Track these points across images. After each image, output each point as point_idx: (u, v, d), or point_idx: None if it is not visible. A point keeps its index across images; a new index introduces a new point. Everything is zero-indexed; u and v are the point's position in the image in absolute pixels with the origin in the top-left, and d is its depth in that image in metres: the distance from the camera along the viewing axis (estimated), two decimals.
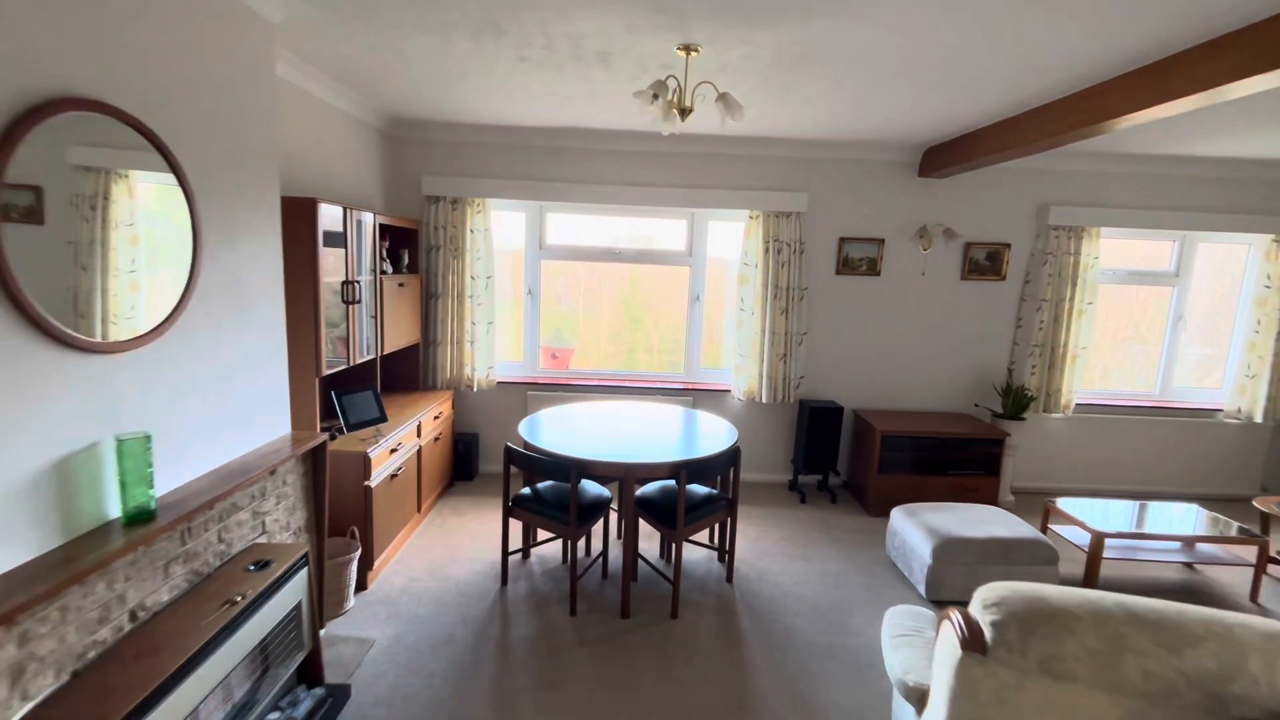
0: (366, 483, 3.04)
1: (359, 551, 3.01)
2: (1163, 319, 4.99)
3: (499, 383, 4.73)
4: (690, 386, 4.82)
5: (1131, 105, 2.85)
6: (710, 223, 4.77)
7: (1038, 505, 4.66)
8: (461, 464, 4.66)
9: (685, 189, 4.52)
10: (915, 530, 3.35)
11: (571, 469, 2.86)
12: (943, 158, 4.29)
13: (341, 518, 3.07)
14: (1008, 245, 4.67)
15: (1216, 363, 5.08)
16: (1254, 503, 3.83)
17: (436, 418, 4.11)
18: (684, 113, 2.58)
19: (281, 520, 2.39)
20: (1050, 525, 3.79)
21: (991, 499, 4.35)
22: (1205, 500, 4.93)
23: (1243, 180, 4.60)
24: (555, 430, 3.34)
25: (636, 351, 4.99)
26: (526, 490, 3.23)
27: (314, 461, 2.61)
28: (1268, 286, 4.65)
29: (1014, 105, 3.31)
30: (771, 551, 3.75)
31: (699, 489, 3.24)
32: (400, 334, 3.97)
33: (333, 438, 3.16)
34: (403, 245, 4.24)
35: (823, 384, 4.84)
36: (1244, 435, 4.91)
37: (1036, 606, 1.50)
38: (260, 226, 2.34)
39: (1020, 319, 4.76)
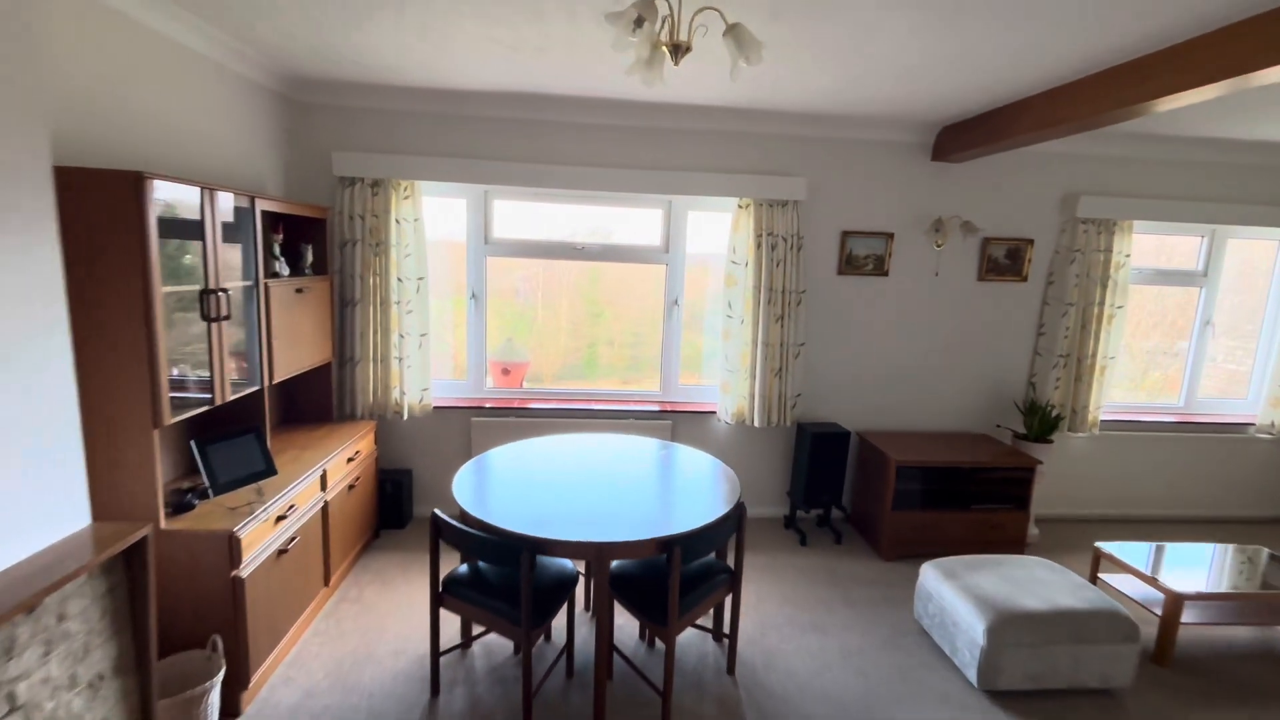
0: (236, 572, 2.17)
1: (223, 671, 2.14)
2: (1188, 323, 4.49)
3: (436, 407, 3.87)
4: (669, 407, 4.06)
5: (1183, 83, 2.24)
6: (691, 213, 4.01)
7: (1063, 537, 4.09)
8: (390, 509, 3.78)
9: (661, 172, 3.74)
10: (959, 599, 2.68)
11: (523, 551, 2.06)
12: (961, 139, 3.63)
13: (199, 623, 2.19)
14: (1030, 241, 4.06)
15: (1244, 372, 4.62)
16: None
17: (352, 459, 3.24)
18: (677, 52, 1.80)
19: (59, 677, 1.52)
20: (1101, 575, 3.20)
21: (1020, 536, 3.75)
22: (1235, 524, 4.46)
23: (1275, 169, 4.11)
24: (503, 485, 2.53)
25: (597, 345, 4.21)
26: (464, 569, 2.41)
27: (132, 564, 1.74)
28: None
29: (1066, 70, 2.64)
30: (777, 621, 3.03)
31: (694, 561, 2.49)
32: (300, 354, 3.08)
33: (189, 507, 2.27)
34: (305, 239, 3.33)
35: (822, 402, 4.15)
36: (1275, 452, 4.46)
37: None
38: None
39: (1043, 325, 4.17)
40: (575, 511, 2.30)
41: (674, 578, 2.13)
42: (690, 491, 2.54)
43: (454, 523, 2.19)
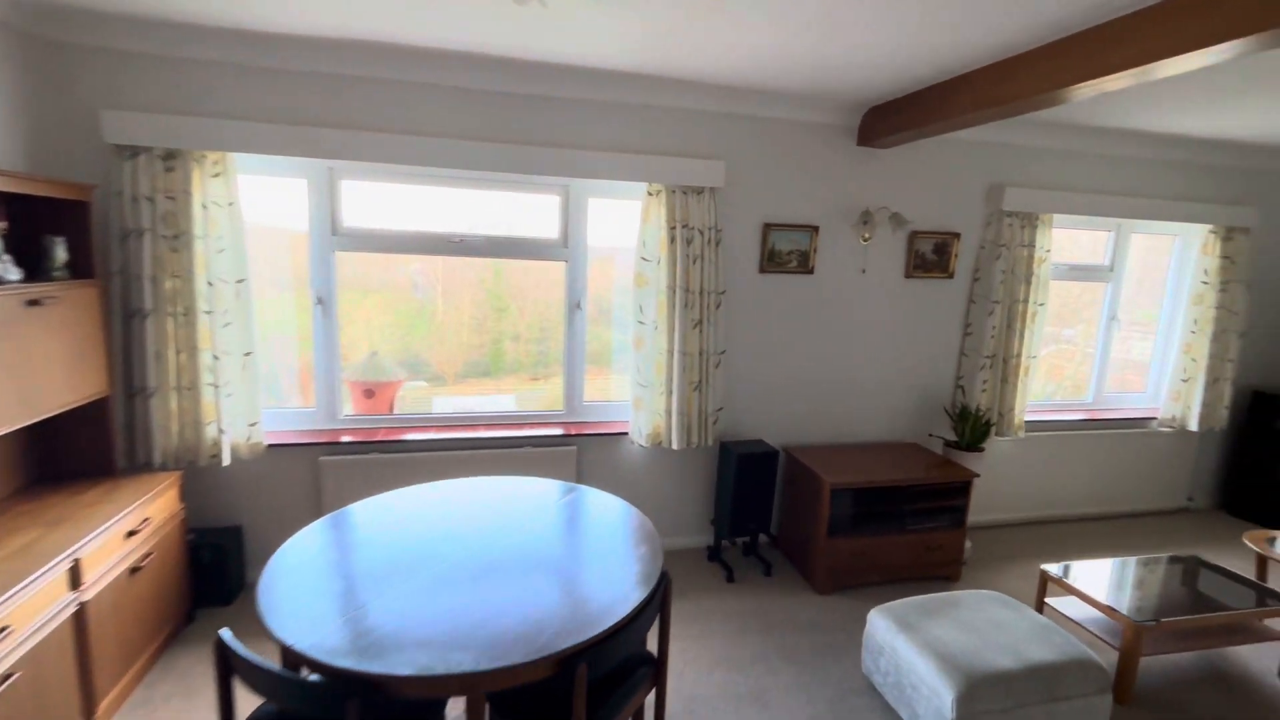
0: None
1: None
2: (1095, 318, 4.45)
3: (271, 445, 3.02)
4: (574, 430, 3.44)
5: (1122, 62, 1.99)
6: (593, 200, 3.39)
7: (994, 548, 3.89)
8: (211, 581, 2.90)
9: (555, 149, 3.09)
10: (919, 657, 2.27)
11: (351, 699, 1.37)
12: (887, 121, 3.26)
13: None
14: (957, 235, 3.80)
15: (1144, 365, 4.66)
16: (1245, 540, 3.26)
17: (136, 530, 2.36)
18: None
19: None
20: (1048, 599, 2.94)
21: (957, 556, 3.47)
22: (1147, 517, 4.49)
23: (1182, 164, 4.10)
24: (336, 577, 1.80)
25: (503, 341, 3.52)
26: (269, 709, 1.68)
27: None
28: (1205, 282, 4.23)
29: (995, 48, 2.28)
30: (708, 693, 2.51)
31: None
32: (40, 390, 2.17)
33: None
34: (54, 229, 2.39)
35: (746, 416, 3.69)
36: (1175, 444, 4.52)
37: None
38: None
39: (970, 324, 3.93)
40: (438, 618, 1.63)
41: (579, 703, 1.53)
42: (600, 565, 1.93)
43: (246, 655, 1.46)
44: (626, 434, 3.48)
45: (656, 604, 1.82)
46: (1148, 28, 2.06)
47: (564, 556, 1.95)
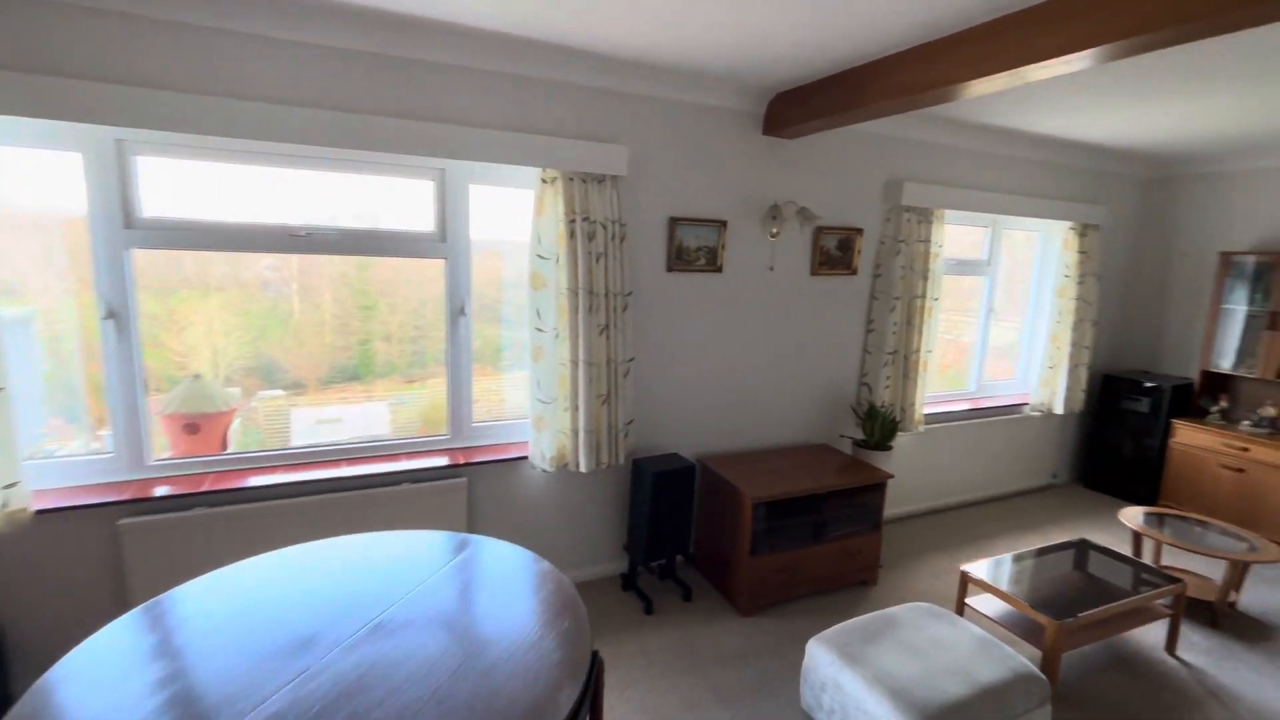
0: None
1: None
2: (975, 311, 4.65)
3: (41, 511, 2.24)
4: (462, 458, 2.93)
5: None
6: (475, 187, 2.90)
7: (902, 546, 3.90)
8: None
9: (429, 125, 2.56)
10: (869, 692, 2.07)
11: None
12: (794, 109, 3.08)
13: None
14: (859, 231, 3.73)
15: (1015, 354, 4.96)
16: (1120, 517, 3.47)
17: None
18: None
19: None
20: (967, 600, 2.91)
21: (875, 560, 3.40)
22: (1023, 495, 4.78)
23: (1050, 165, 4.36)
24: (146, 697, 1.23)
25: (372, 341, 2.93)
26: None
27: None
28: (1066, 276, 4.54)
29: (912, 33, 2.15)
30: None
31: None
32: None
33: None
34: None
35: (658, 428, 3.38)
36: (1043, 427, 4.85)
37: None
38: None
39: (872, 321, 3.90)
40: None
41: None
42: (512, 660, 1.50)
43: None
44: (526, 458, 3.03)
45: (589, 701, 1.43)
46: (1035, 27, 2.00)
47: (463, 656, 1.49)
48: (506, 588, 1.77)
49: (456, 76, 2.63)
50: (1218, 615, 3.13)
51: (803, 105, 3.03)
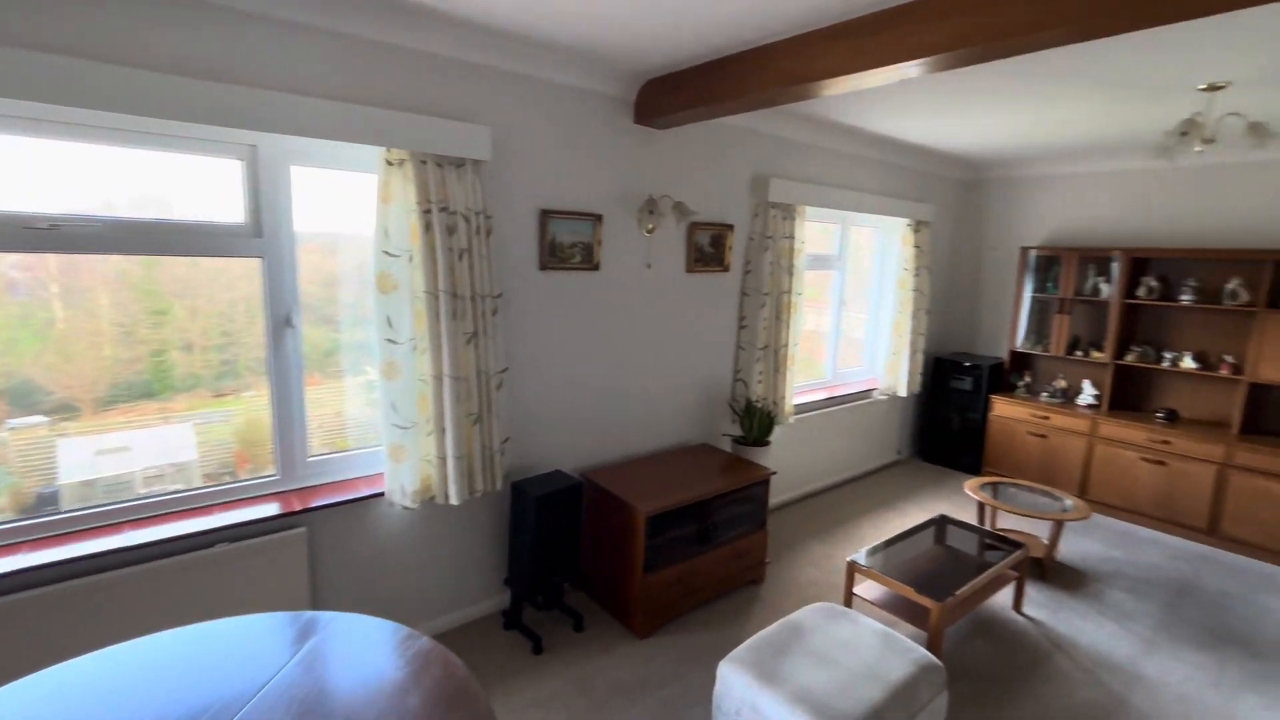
0: None
1: None
2: (828, 304, 4.88)
3: None
4: (298, 503, 2.38)
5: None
6: (299, 170, 2.35)
7: (781, 539, 3.96)
8: None
9: (229, 87, 2.00)
10: (789, 711, 1.96)
11: None
12: (664, 99, 2.93)
13: None
14: (730, 227, 3.69)
15: (862, 344, 5.31)
16: (965, 490, 3.80)
17: None
18: None
19: None
20: (855, 590, 2.98)
21: (761, 558, 3.38)
22: (876, 473, 5.13)
23: (891, 165, 4.68)
24: None
25: (168, 351, 2.26)
26: None
27: None
28: (905, 269, 4.92)
29: (793, 20, 2.09)
30: None
31: None
32: None
33: None
34: None
35: (536, 444, 3.05)
36: (889, 409, 5.25)
37: None
38: None
39: (744, 317, 3.89)
40: None
41: None
42: None
43: None
44: (382, 495, 2.55)
45: None
46: (881, 33, 2.04)
47: None
48: (375, 684, 1.37)
49: (267, 30, 2.08)
50: (1046, 570, 3.54)
51: (673, 94, 2.87)
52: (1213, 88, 2.74)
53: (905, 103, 3.29)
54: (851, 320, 5.13)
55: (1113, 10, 1.63)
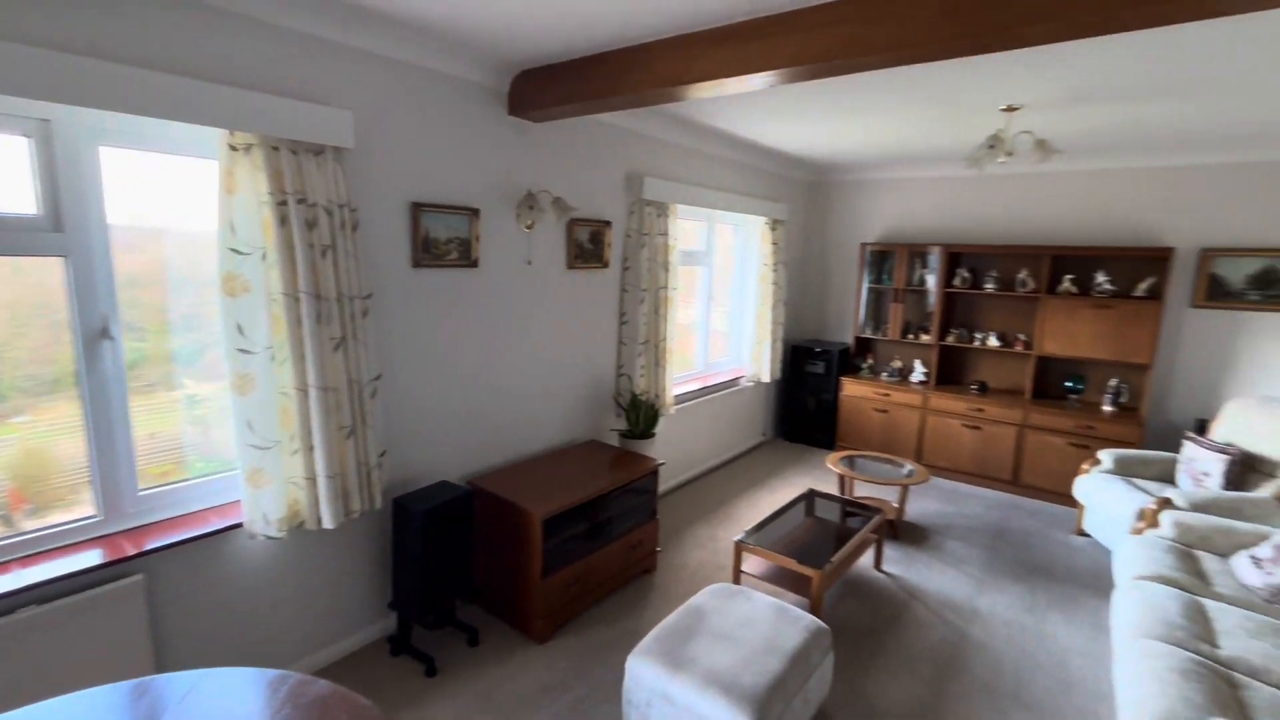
0: None
1: None
2: (698, 298, 5.10)
3: None
4: (128, 547, 2.01)
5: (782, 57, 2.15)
6: (109, 152, 1.98)
7: (668, 528, 4.07)
8: None
9: (16, 48, 1.62)
10: (702, 695, 2.03)
11: None
12: (540, 92, 2.87)
13: None
14: (608, 224, 3.70)
15: (728, 335, 5.61)
16: (826, 464, 4.17)
17: None
18: None
19: None
20: (743, 568, 3.15)
21: (653, 548, 3.45)
22: (746, 455, 5.45)
23: (751, 167, 4.97)
24: None
25: None
26: None
27: None
28: (765, 264, 5.27)
29: (668, 23, 2.17)
30: None
31: None
32: None
33: None
34: None
35: (417, 455, 2.85)
36: (755, 395, 5.61)
37: None
38: None
39: (624, 313, 3.94)
40: None
41: None
42: None
43: None
44: (239, 526, 2.24)
45: None
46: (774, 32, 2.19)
47: None
48: None
49: None
50: (898, 530, 4.01)
51: (549, 87, 2.81)
52: (1010, 109, 3.24)
53: (765, 109, 3.51)
54: (718, 313, 5.40)
55: (921, 41, 1.86)
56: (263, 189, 2.10)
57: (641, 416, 3.74)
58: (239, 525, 2.23)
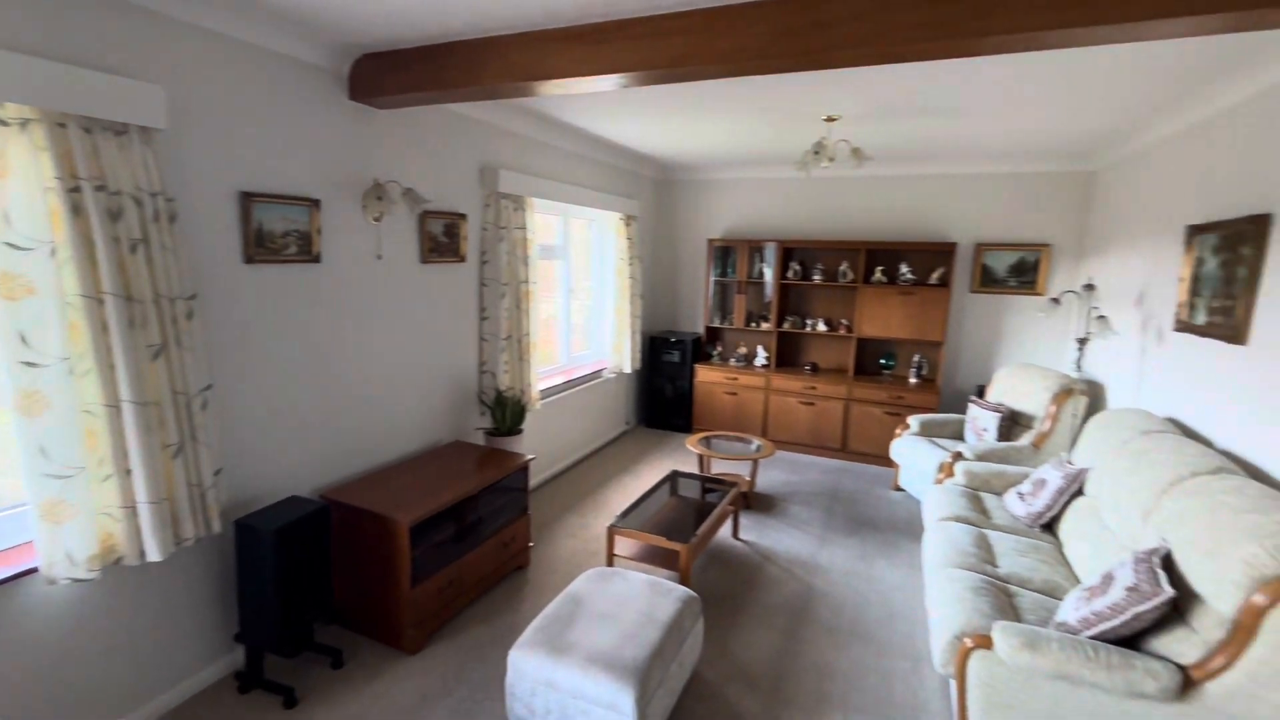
0: None
1: None
2: (558, 292, 5.14)
3: None
4: None
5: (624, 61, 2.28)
6: None
7: (538, 521, 4.08)
8: None
9: None
10: (585, 675, 2.11)
11: None
12: (386, 78, 2.74)
13: None
14: (464, 217, 3.61)
15: (589, 328, 5.71)
16: (686, 444, 4.44)
17: None
18: None
19: None
20: (616, 551, 3.26)
21: (526, 543, 3.46)
22: (605, 447, 5.59)
23: (605, 164, 5.08)
24: None
25: None
26: None
27: None
28: (621, 258, 5.42)
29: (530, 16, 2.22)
30: None
31: None
32: None
33: None
34: None
35: (261, 470, 2.59)
36: (618, 385, 5.77)
37: None
38: None
39: (485, 308, 3.86)
40: None
41: None
42: None
43: None
44: (34, 571, 1.90)
45: None
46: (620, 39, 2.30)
47: None
48: None
49: None
50: (750, 500, 4.38)
51: (397, 73, 2.68)
52: (831, 119, 3.66)
53: (616, 108, 3.63)
54: (578, 307, 5.47)
55: (756, 56, 2.07)
56: (47, 173, 1.79)
57: (507, 413, 3.71)
58: (34, 570, 1.89)
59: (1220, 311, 2.74)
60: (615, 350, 5.57)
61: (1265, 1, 1.56)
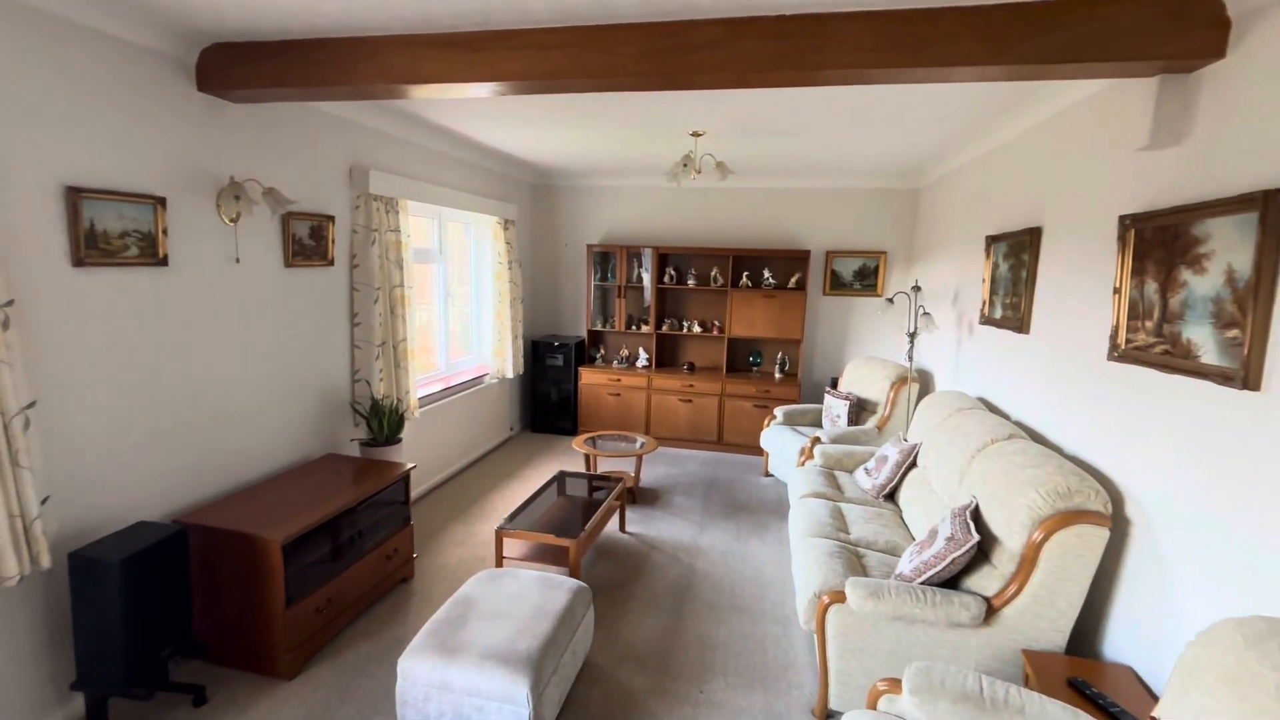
0: None
1: None
2: (434, 297, 5.02)
3: None
4: None
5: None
6: None
7: (422, 530, 3.98)
8: None
9: None
10: (480, 672, 2.13)
11: None
12: (242, 69, 2.59)
13: None
14: (331, 218, 3.45)
15: (469, 334, 5.62)
16: (573, 445, 4.52)
17: None
18: None
19: None
20: (505, 554, 3.28)
21: (410, 554, 3.36)
22: (491, 453, 5.53)
23: (482, 168, 5.04)
24: None
25: None
26: None
27: None
28: (500, 263, 5.40)
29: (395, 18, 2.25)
30: None
31: None
32: None
33: None
34: None
35: (99, 496, 2.33)
36: (501, 391, 5.73)
37: None
38: None
39: (357, 313, 3.70)
40: None
41: None
42: None
43: None
44: None
45: None
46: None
47: None
48: None
49: None
50: (636, 495, 4.56)
51: (255, 66, 2.54)
52: (696, 134, 3.94)
53: (491, 114, 3.66)
54: (456, 312, 5.37)
55: (625, 73, 2.24)
56: None
57: (385, 422, 3.59)
58: None
59: (1010, 307, 3.33)
60: (497, 355, 5.53)
61: (1029, 58, 1.97)
